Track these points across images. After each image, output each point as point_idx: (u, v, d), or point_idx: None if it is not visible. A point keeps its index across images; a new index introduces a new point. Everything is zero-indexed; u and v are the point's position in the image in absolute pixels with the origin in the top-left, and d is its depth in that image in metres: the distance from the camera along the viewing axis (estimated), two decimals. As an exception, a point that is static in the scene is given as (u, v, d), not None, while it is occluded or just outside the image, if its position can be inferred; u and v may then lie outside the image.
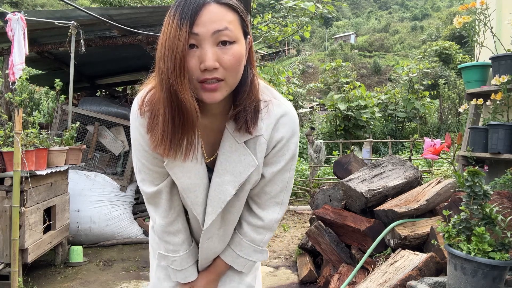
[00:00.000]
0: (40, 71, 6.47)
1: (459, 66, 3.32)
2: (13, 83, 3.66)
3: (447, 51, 21.94)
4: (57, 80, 3.79)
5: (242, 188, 1.05)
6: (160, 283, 1.24)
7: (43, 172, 3.09)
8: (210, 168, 1.08)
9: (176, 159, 0.99)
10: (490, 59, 2.92)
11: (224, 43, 0.88)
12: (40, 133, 3.30)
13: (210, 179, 1.07)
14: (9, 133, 3.04)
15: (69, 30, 4.04)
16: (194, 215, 1.10)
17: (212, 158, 1.08)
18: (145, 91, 1.01)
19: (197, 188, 1.06)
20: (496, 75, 2.75)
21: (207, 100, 0.91)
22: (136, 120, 1.02)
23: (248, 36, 0.96)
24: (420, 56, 21.59)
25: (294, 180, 7.49)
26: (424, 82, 13.18)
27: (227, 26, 0.87)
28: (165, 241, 1.14)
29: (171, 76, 0.85)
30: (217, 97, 0.90)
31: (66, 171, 3.69)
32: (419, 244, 2.50)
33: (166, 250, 1.16)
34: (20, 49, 3.61)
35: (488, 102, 2.97)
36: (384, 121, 12.73)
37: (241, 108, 0.97)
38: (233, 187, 1.03)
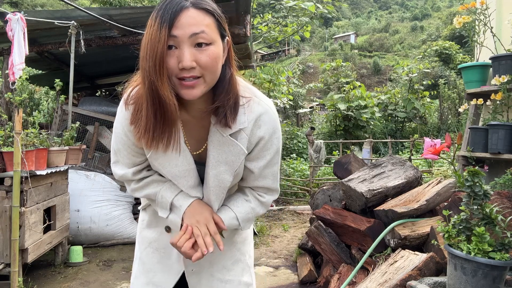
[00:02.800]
0: (40, 71, 6.47)
1: (459, 66, 3.31)
2: (13, 83, 3.66)
3: (447, 51, 21.97)
4: (57, 80, 3.79)
5: (236, 173, 1.15)
6: (138, 277, 1.28)
7: (43, 172, 3.09)
8: (196, 160, 1.15)
9: (158, 150, 1.07)
10: (490, 59, 2.92)
11: (200, 44, 0.95)
12: (40, 133, 3.29)
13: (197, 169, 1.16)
14: (9, 133, 3.04)
15: (69, 30, 4.04)
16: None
17: (198, 152, 1.15)
18: (132, 86, 1.09)
19: (187, 174, 1.13)
20: (496, 75, 2.75)
21: (186, 97, 0.98)
22: (121, 112, 1.11)
23: (226, 38, 1.04)
24: (420, 56, 21.63)
25: (294, 180, 7.54)
26: (424, 82, 13.18)
27: (204, 29, 0.95)
28: (146, 194, 1.19)
29: (152, 74, 0.93)
30: (195, 93, 0.98)
31: (66, 171, 3.69)
32: (419, 244, 2.50)
33: (149, 196, 1.19)
34: (20, 49, 3.61)
35: (488, 102, 2.97)
36: (384, 121, 12.72)
37: (220, 104, 1.04)
38: (229, 175, 1.12)
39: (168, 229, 1.24)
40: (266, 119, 1.10)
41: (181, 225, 1.14)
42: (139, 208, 1.36)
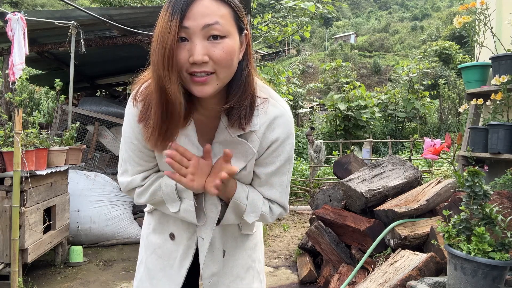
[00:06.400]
0: (40, 71, 6.47)
1: (459, 66, 3.31)
2: (13, 83, 3.66)
3: (447, 51, 21.97)
4: (57, 80, 3.79)
5: (242, 175, 1.06)
6: (143, 282, 1.23)
7: (43, 172, 3.09)
8: None
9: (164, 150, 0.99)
10: (490, 59, 2.92)
11: (215, 37, 0.87)
12: (40, 133, 3.29)
13: None
14: (9, 133, 3.04)
15: (69, 30, 4.04)
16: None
17: None
18: (142, 82, 1.02)
19: None
20: (496, 75, 2.75)
21: (197, 94, 0.91)
22: (129, 110, 1.04)
23: (245, 32, 0.95)
24: (420, 56, 21.61)
25: (294, 180, 7.53)
26: (424, 82, 13.17)
27: (218, 20, 0.87)
28: (151, 191, 1.10)
29: (160, 68, 0.86)
30: (207, 90, 0.90)
31: (66, 171, 3.69)
32: (419, 244, 2.50)
33: (155, 192, 1.10)
34: (20, 49, 3.60)
35: (488, 102, 2.97)
36: (384, 121, 12.71)
37: (234, 104, 0.95)
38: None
39: (172, 236, 1.17)
40: (281, 122, 1.02)
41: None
42: (145, 210, 1.30)
